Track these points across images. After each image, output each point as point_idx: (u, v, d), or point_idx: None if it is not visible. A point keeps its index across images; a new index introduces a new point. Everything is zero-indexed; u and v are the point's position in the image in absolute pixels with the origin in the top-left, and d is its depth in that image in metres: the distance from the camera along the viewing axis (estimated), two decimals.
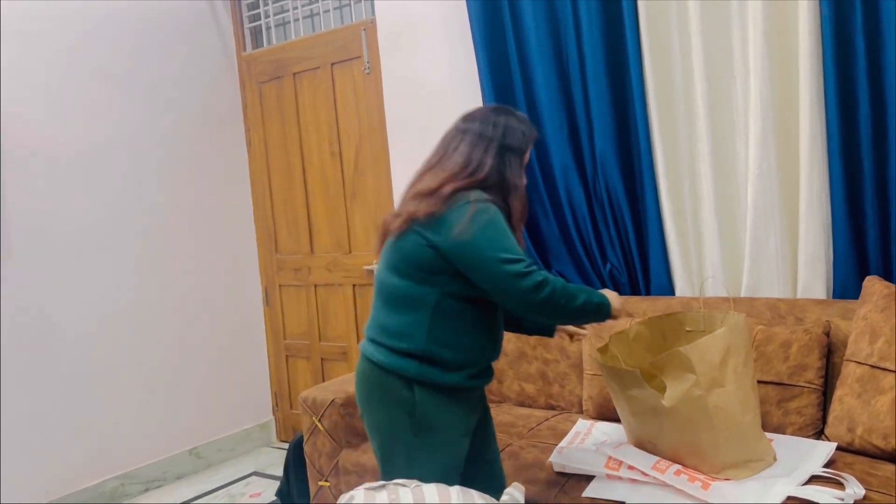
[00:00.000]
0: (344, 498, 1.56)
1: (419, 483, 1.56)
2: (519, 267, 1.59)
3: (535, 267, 1.61)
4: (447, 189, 1.67)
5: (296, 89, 3.74)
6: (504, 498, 1.52)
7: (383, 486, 1.56)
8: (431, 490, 1.51)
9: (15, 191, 3.06)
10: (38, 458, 3.09)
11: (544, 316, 1.76)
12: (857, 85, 2.19)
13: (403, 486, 1.55)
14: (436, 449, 1.71)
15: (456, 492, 1.50)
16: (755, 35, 2.32)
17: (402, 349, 1.68)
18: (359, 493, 1.55)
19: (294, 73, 3.73)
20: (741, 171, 2.47)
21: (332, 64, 3.57)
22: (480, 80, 2.90)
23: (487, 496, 1.53)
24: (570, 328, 1.99)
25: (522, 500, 1.54)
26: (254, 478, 3.55)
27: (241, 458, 3.86)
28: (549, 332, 2.00)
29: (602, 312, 1.75)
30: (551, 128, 2.76)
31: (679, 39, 2.53)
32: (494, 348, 1.81)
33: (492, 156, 1.73)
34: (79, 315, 3.25)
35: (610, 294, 1.80)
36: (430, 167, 1.77)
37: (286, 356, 4.00)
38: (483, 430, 1.91)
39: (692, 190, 2.58)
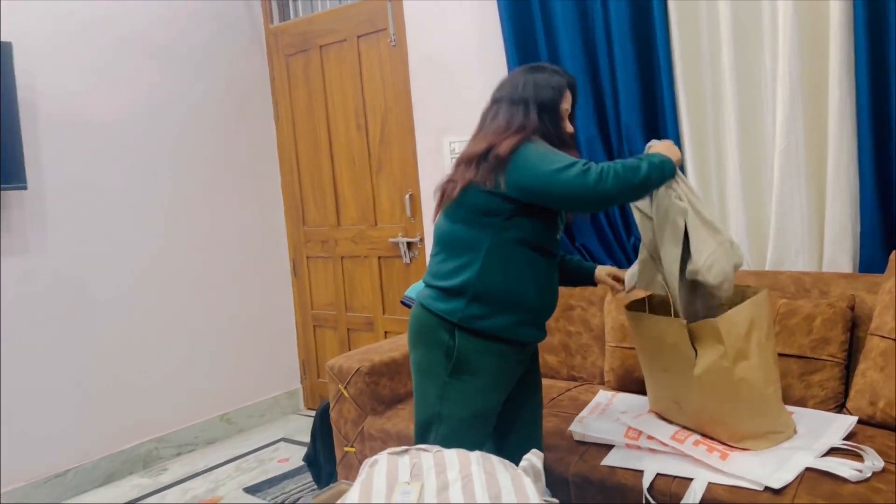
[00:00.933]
0: (368, 462, 1.61)
1: (440, 448, 1.60)
2: (575, 169, 1.64)
3: (590, 163, 1.66)
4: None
5: (322, 62, 3.76)
6: (522, 463, 1.56)
7: (406, 451, 1.61)
8: (452, 455, 1.55)
9: (51, 159, 3.13)
10: (78, 421, 3.20)
11: (625, 199, 1.80)
12: (888, 57, 2.15)
13: (425, 450, 1.59)
14: (467, 393, 1.78)
15: (476, 457, 1.53)
16: (785, 5, 2.28)
17: (453, 286, 1.76)
18: (382, 457, 1.60)
19: (321, 46, 3.74)
20: (768, 144, 2.44)
21: (359, 36, 3.58)
22: (506, 52, 2.90)
23: (508, 463, 1.56)
24: (612, 277, 2.04)
25: (540, 466, 1.57)
26: (282, 444, 3.64)
27: (270, 424, 3.95)
28: (591, 280, 2.08)
29: (667, 168, 1.74)
30: (578, 98, 2.74)
31: (707, 9, 2.50)
32: (542, 297, 1.83)
33: (530, 115, 1.78)
34: (113, 283, 3.34)
35: (660, 146, 1.80)
36: (473, 138, 1.85)
37: (313, 326, 4.07)
38: (527, 391, 1.96)
39: (718, 162, 2.56)
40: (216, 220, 3.76)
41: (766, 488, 1.70)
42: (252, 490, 3.06)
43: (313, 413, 4.00)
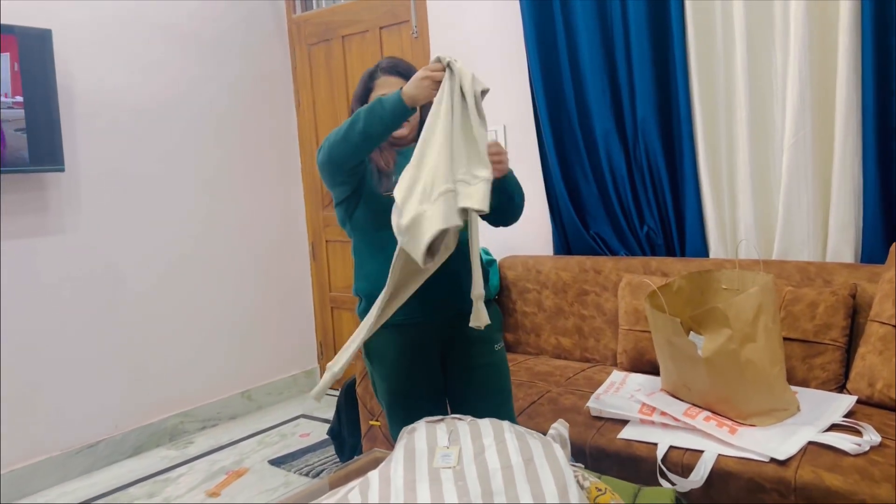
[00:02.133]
0: (406, 429, 1.75)
1: (474, 419, 1.74)
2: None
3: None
4: None
5: (344, 52, 3.87)
6: (550, 432, 1.70)
7: (442, 420, 1.75)
8: (486, 424, 1.69)
9: (87, 143, 3.26)
10: (109, 395, 3.35)
11: (341, 157, 1.77)
12: (893, 60, 2.27)
13: (460, 419, 1.73)
14: (378, 378, 2.00)
15: (507, 426, 1.67)
16: (797, 6, 2.40)
17: (354, 288, 1.99)
18: (420, 425, 1.73)
19: (343, 36, 3.86)
20: (777, 139, 2.57)
21: (381, 28, 3.69)
22: (526, 45, 3.01)
23: (537, 433, 1.70)
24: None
25: (566, 435, 1.71)
26: (302, 420, 3.78)
27: (289, 401, 4.10)
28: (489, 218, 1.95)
29: (382, 106, 1.69)
30: (594, 93, 2.87)
31: (721, 8, 2.61)
32: (374, 276, 1.85)
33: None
34: (143, 264, 3.48)
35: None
36: None
37: (331, 308, 4.20)
38: (469, 373, 1.97)
39: (729, 156, 2.69)
40: (239, 205, 3.89)
41: (772, 460, 1.84)
42: (277, 462, 3.21)
43: (330, 391, 4.15)
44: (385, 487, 1.50)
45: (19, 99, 2.92)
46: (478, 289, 1.77)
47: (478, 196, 1.66)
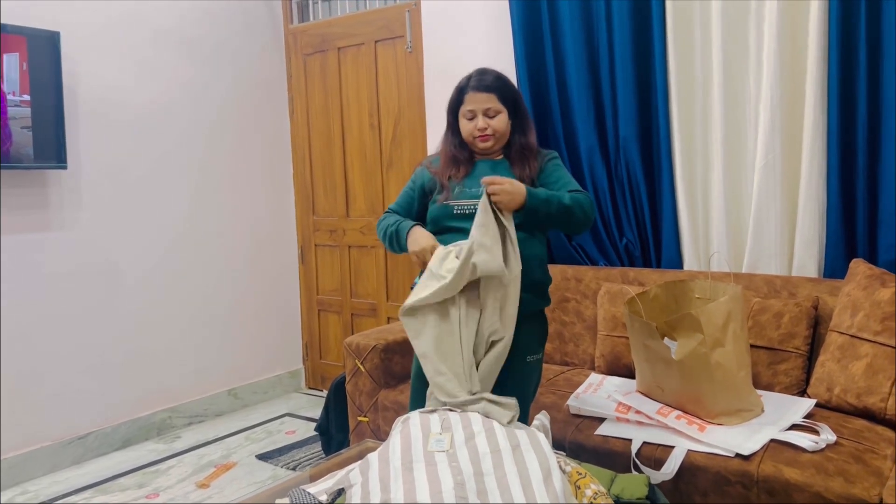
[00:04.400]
0: (400, 419, 1.88)
1: (464, 410, 1.87)
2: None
3: (386, 213, 2.17)
4: None
5: (339, 63, 4.01)
6: (534, 423, 1.84)
7: (434, 411, 1.88)
8: (475, 415, 1.82)
9: (88, 142, 3.36)
10: (100, 388, 3.43)
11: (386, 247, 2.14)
12: (857, 89, 2.46)
13: (451, 410, 1.86)
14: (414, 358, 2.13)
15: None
16: (769, 38, 2.58)
17: None
18: (414, 415, 1.86)
19: (339, 48, 4.00)
20: (749, 161, 2.75)
21: (376, 41, 3.84)
22: (516, 63, 3.16)
23: (521, 423, 1.84)
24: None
25: (549, 425, 1.86)
26: (287, 418, 3.89)
27: (274, 400, 4.20)
28: None
29: (398, 239, 2.05)
30: (579, 111, 3.04)
31: (701, 37, 2.79)
32: None
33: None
34: (138, 262, 3.57)
35: (417, 234, 2.01)
36: None
37: (318, 310, 4.32)
38: None
39: (704, 175, 2.86)
40: (231, 208, 4.00)
41: (737, 455, 1.99)
42: (264, 457, 3.31)
43: (314, 392, 4.28)
44: (384, 468, 1.62)
45: (26, 98, 3.02)
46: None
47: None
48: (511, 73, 3.21)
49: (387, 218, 2.13)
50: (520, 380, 2.06)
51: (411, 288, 2.09)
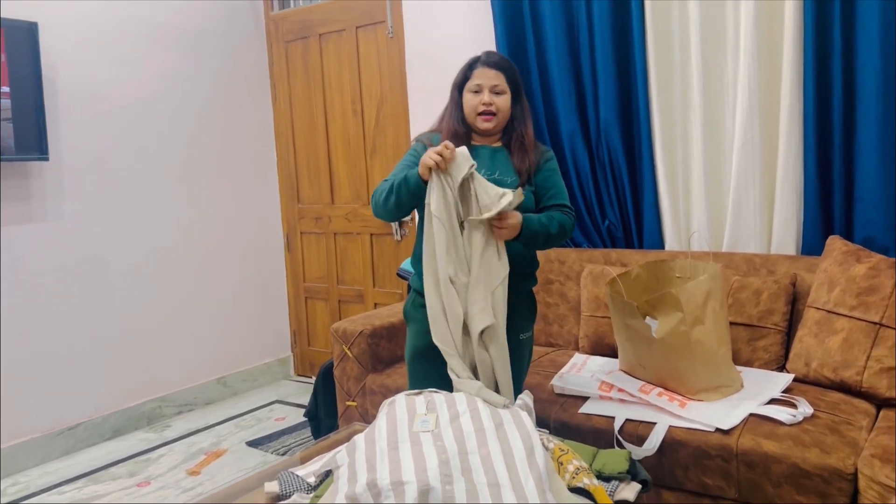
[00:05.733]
0: (386, 402, 1.91)
1: (448, 393, 1.90)
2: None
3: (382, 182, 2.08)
4: None
5: (321, 49, 4.01)
6: (518, 402, 1.88)
7: (419, 393, 1.91)
8: (460, 395, 1.85)
9: (70, 133, 3.35)
10: (89, 379, 3.44)
11: (385, 214, 2.08)
12: (832, 71, 2.50)
13: (437, 392, 1.90)
14: (408, 337, 2.20)
15: (480, 398, 1.84)
16: (746, 19, 2.61)
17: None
18: (400, 397, 1.89)
19: (320, 34, 3.99)
20: (728, 141, 2.78)
21: (357, 27, 3.83)
22: (497, 47, 3.17)
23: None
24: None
25: (532, 405, 1.89)
26: (276, 405, 3.91)
27: (263, 388, 4.23)
28: None
29: (411, 181, 1.95)
30: (561, 95, 3.06)
31: (679, 19, 2.82)
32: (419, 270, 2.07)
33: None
34: (124, 252, 3.58)
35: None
36: None
37: (305, 297, 4.34)
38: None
39: (684, 156, 2.90)
40: (216, 197, 4.00)
41: (717, 429, 2.04)
42: (254, 444, 3.34)
43: (303, 379, 4.30)
44: (371, 448, 1.65)
45: (6, 89, 3.00)
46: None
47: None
48: None
49: (383, 184, 2.06)
50: (517, 357, 2.11)
51: (398, 275, 2.12)
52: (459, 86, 2.17)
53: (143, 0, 3.61)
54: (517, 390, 2.13)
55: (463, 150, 1.90)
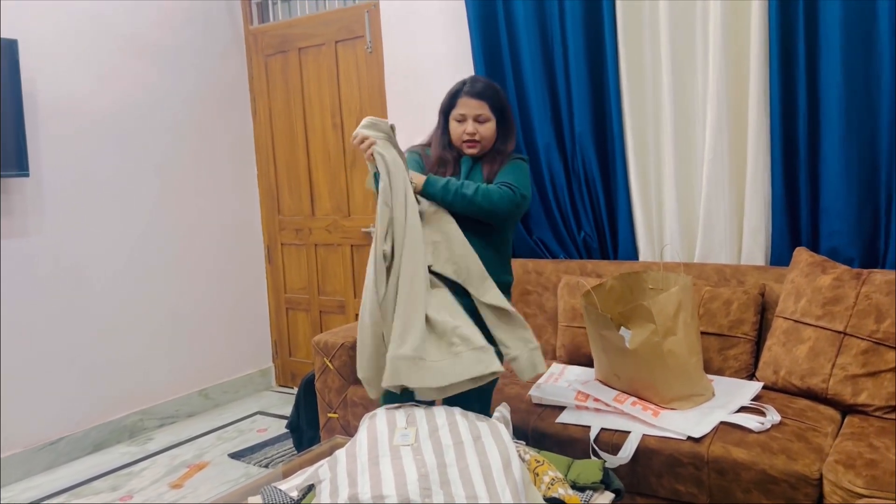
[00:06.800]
0: (367, 416, 1.95)
1: (428, 406, 1.95)
2: None
3: None
4: None
5: (301, 64, 4.05)
6: (495, 415, 1.93)
7: (399, 407, 1.96)
8: (439, 409, 1.90)
9: (51, 149, 3.36)
10: (70, 393, 3.45)
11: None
12: (797, 85, 2.58)
13: (416, 405, 1.94)
14: None
15: (458, 410, 1.89)
16: (714, 36, 2.68)
17: None
18: (380, 411, 1.94)
19: (299, 49, 4.03)
20: (698, 155, 2.86)
21: (337, 42, 3.88)
22: (474, 62, 3.23)
23: (483, 416, 1.93)
24: None
25: (509, 417, 1.94)
26: (258, 416, 3.94)
27: (245, 399, 4.24)
28: None
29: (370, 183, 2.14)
30: (537, 110, 3.12)
31: (650, 37, 2.89)
32: None
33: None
34: (105, 267, 3.59)
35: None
36: None
37: (286, 309, 4.36)
38: None
39: (656, 169, 2.97)
40: (197, 210, 4.03)
41: (689, 438, 2.10)
42: (236, 456, 3.36)
43: (285, 390, 4.33)
44: (352, 463, 1.70)
45: None
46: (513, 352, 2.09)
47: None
48: (470, 71, 3.28)
49: None
50: None
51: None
52: (445, 112, 2.25)
53: (122, 15, 3.63)
54: (483, 402, 2.19)
55: (367, 118, 2.05)
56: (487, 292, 2.10)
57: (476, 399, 2.12)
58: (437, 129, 2.29)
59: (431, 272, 2.06)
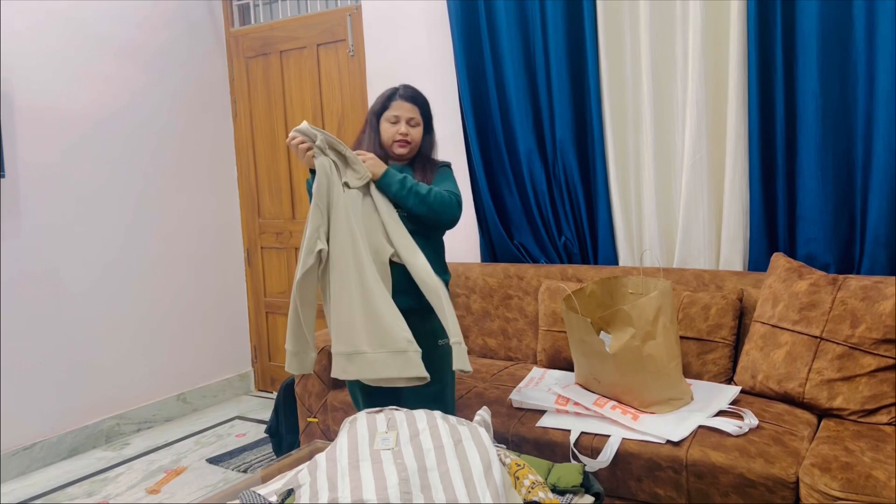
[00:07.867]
0: (348, 420, 1.94)
1: (409, 410, 1.95)
2: None
3: None
4: None
5: (282, 66, 4.03)
6: (476, 418, 1.93)
7: (380, 411, 1.95)
8: (420, 412, 1.90)
9: (27, 150, 3.31)
10: (45, 398, 3.40)
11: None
12: (774, 93, 2.62)
13: (397, 409, 1.94)
14: None
15: (439, 415, 1.89)
16: (694, 45, 2.71)
17: None
18: (361, 415, 1.93)
19: (281, 51, 4.02)
20: (678, 161, 2.89)
21: (318, 45, 3.87)
22: (456, 67, 3.24)
23: (464, 420, 1.93)
24: None
25: (490, 421, 1.94)
26: (237, 421, 3.90)
27: (224, 404, 4.21)
28: None
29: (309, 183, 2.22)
30: (518, 115, 3.14)
31: (630, 45, 2.92)
32: None
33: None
34: (81, 270, 3.54)
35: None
36: None
37: (266, 313, 4.34)
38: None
39: (636, 175, 2.99)
40: (176, 212, 3.99)
41: (668, 441, 2.12)
42: (214, 461, 3.33)
43: (264, 394, 4.30)
44: (332, 467, 1.69)
45: None
46: (455, 336, 2.12)
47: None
48: (452, 75, 3.30)
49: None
50: (438, 366, 2.20)
51: None
52: (378, 114, 2.34)
53: (101, 16, 3.60)
54: (446, 398, 2.27)
55: (303, 123, 2.16)
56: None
57: (433, 400, 2.18)
58: (367, 132, 2.37)
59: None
